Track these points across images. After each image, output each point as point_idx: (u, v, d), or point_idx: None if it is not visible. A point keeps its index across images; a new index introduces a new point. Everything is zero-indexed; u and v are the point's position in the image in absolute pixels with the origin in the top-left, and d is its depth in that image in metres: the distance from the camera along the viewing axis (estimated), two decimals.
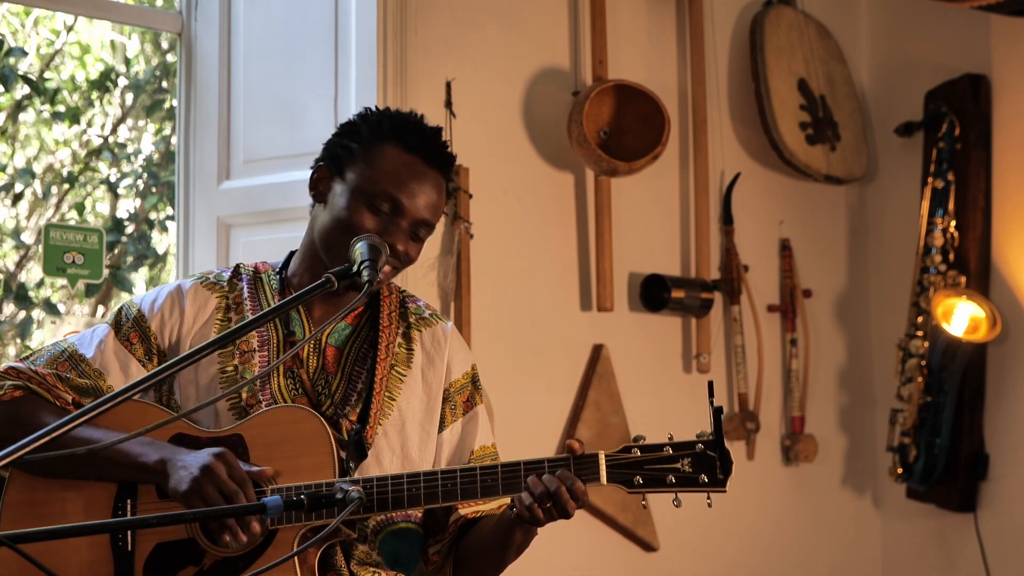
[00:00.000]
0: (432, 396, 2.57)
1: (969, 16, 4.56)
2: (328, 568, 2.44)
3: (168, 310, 2.54)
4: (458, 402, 2.59)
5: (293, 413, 2.42)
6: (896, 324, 4.63)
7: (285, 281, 2.58)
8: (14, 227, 5.45)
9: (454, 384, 2.59)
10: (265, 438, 2.40)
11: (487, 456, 2.59)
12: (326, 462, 2.37)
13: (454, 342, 2.61)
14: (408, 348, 2.57)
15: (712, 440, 2.35)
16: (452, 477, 2.36)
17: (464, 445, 2.58)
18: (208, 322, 2.54)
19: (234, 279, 2.59)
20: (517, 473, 2.35)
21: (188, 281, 2.59)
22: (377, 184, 2.47)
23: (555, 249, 4.21)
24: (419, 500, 2.36)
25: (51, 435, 1.90)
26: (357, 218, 2.46)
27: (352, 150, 2.51)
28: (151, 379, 2.06)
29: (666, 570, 4.31)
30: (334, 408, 2.49)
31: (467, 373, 2.62)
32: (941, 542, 4.63)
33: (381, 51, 3.86)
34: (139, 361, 2.51)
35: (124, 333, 2.53)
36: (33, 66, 5.43)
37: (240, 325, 2.18)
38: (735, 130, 4.63)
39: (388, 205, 2.46)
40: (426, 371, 2.57)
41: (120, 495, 2.42)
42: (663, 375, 4.38)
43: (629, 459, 2.35)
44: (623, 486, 2.34)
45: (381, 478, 2.36)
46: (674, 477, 2.34)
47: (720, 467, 2.34)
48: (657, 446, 2.36)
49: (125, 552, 2.40)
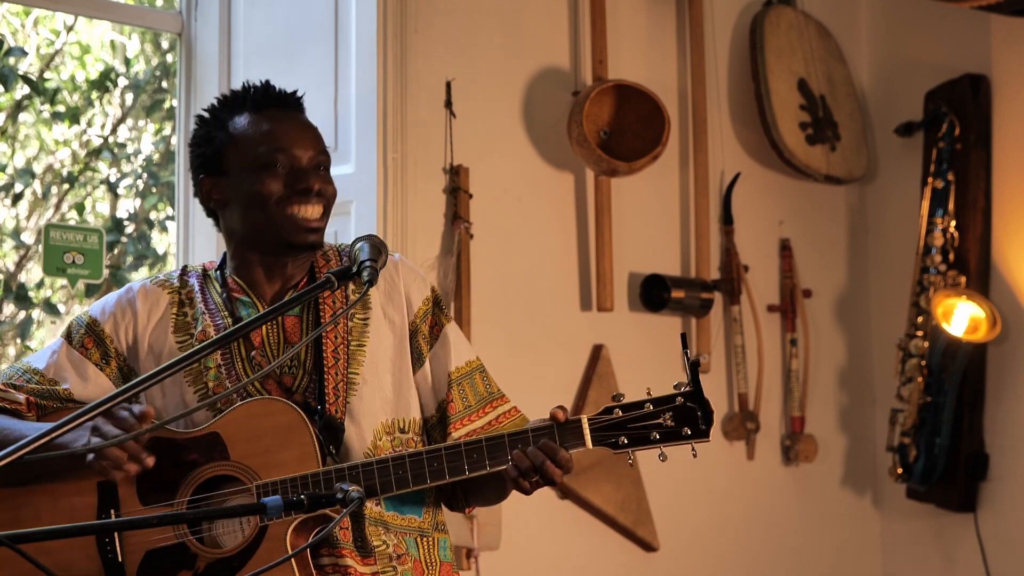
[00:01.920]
0: (397, 332, 2.53)
1: (969, 16, 4.55)
2: (322, 543, 2.40)
3: (120, 312, 2.54)
4: (425, 330, 2.55)
5: (268, 406, 2.40)
6: (896, 324, 4.63)
7: (224, 277, 2.57)
8: (14, 227, 5.44)
9: (418, 314, 2.55)
10: (244, 434, 2.38)
11: (473, 371, 2.57)
12: (308, 452, 2.35)
13: (405, 272, 2.57)
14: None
15: (692, 391, 2.35)
16: (437, 456, 2.35)
17: (442, 369, 2.55)
18: (164, 318, 2.54)
19: (184, 276, 2.60)
20: (502, 445, 2.35)
21: (137, 283, 2.60)
22: (258, 149, 2.49)
23: (555, 249, 4.21)
24: (407, 483, 2.35)
25: (50, 436, 1.90)
26: (264, 187, 2.48)
27: (215, 145, 2.54)
28: (150, 381, 2.08)
29: (666, 570, 4.31)
30: (308, 377, 2.47)
31: (427, 299, 2.57)
32: (941, 542, 4.63)
33: (381, 51, 3.86)
34: (95, 364, 2.52)
35: (78, 340, 2.54)
36: (33, 66, 5.42)
37: (239, 326, 2.19)
38: (735, 130, 4.63)
39: (281, 159, 2.49)
40: (386, 308, 2.54)
41: (102, 506, 2.41)
42: (663, 375, 4.33)
43: (612, 420, 2.36)
44: (609, 447, 2.35)
45: (366, 463, 2.35)
46: (658, 433, 2.35)
47: (702, 417, 2.35)
48: (638, 403, 2.37)
49: (116, 563, 2.38)
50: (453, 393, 2.54)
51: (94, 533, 2.37)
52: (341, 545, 2.41)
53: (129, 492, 2.40)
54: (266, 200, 2.48)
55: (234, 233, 2.56)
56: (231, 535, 2.39)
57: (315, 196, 2.49)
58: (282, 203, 2.48)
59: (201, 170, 2.57)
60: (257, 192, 2.48)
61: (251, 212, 2.50)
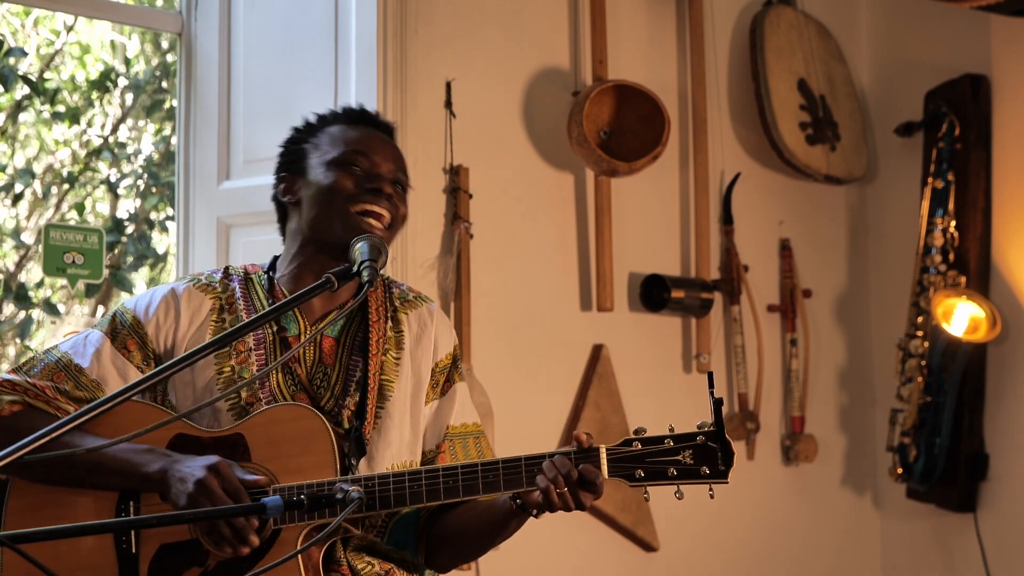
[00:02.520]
0: (419, 375, 2.57)
1: (969, 16, 4.56)
2: (331, 561, 2.44)
3: (163, 314, 2.53)
4: (439, 381, 2.60)
5: (293, 411, 2.42)
6: (896, 324, 4.63)
7: (273, 281, 2.58)
8: (14, 227, 5.45)
9: (439, 363, 2.60)
10: (266, 437, 2.40)
11: (470, 434, 2.60)
12: (327, 460, 2.37)
13: (439, 321, 2.63)
14: (397, 331, 2.58)
15: (713, 431, 2.35)
16: (453, 474, 2.36)
17: (440, 422, 2.58)
18: (203, 324, 2.54)
19: (225, 280, 2.60)
20: (518, 469, 2.35)
21: (181, 284, 2.58)
22: (342, 150, 2.54)
23: (555, 249, 4.21)
24: (421, 497, 2.36)
25: (50, 436, 1.90)
26: (337, 182, 2.51)
27: (304, 148, 2.58)
28: (149, 380, 2.06)
29: (666, 570, 4.31)
30: (334, 400, 2.50)
31: (449, 354, 2.62)
32: (941, 542, 4.63)
33: (381, 51, 3.86)
34: (137, 368, 2.50)
35: (121, 341, 2.52)
36: (33, 66, 5.43)
37: (237, 327, 2.19)
38: (735, 130, 4.63)
39: (361, 161, 2.52)
40: (414, 351, 2.58)
41: (123, 498, 2.41)
42: (663, 375, 4.38)
43: (630, 452, 2.35)
44: (625, 480, 2.35)
45: (383, 476, 2.36)
46: (675, 470, 2.34)
47: (722, 458, 2.34)
48: (658, 439, 2.36)
49: (129, 554, 2.40)
50: (446, 446, 2.57)
51: (94, 533, 2.37)
52: (343, 564, 2.45)
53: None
54: (336, 194, 2.50)
55: (298, 233, 2.56)
56: None
57: (384, 198, 2.51)
58: (350, 199, 2.50)
59: (282, 169, 2.61)
60: (329, 186, 2.51)
61: (319, 205, 2.52)
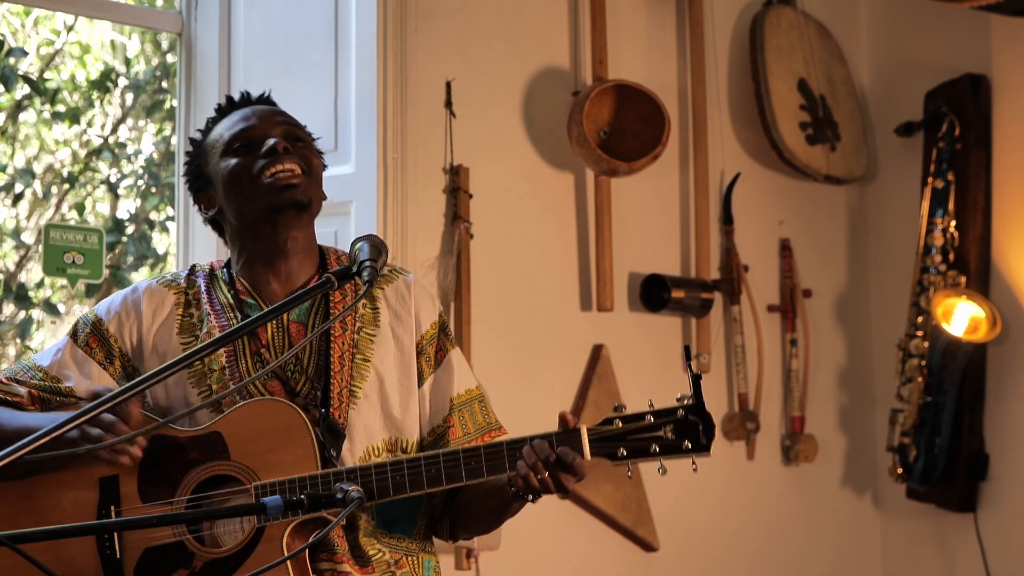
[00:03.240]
0: (405, 351, 2.54)
1: (969, 16, 4.55)
2: (320, 548, 2.41)
3: (125, 312, 2.55)
4: (430, 353, 2.56)
5: (271, 406, 2.40)
6: (896, 324, 4.63)
7: (232, 275, 2.58)
8: (14, 227, 5.45)
9: (425, 336, 2.56)
10: (244, 433, 2.38)
11: (474, 399, 2.57)
12: (307, 453, 2.36)
13: (418, 293, 2.58)
14: (373, 307, 2.55)
15: (694, 404, 2.34)
16: (435, 462, 2.34)
17: (443, 395, 2.55)
18: (168, 319, 2.54)
19: (191, 276, 2.61)
20: (500, 454, 2.34)
21: (144, 282, 2.60)
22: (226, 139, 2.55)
23: (555, 249, 4.21)
24: (404, 488, 2.35)
25: (51, 435, 1.90)
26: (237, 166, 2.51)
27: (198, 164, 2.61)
28: (149, 381, 2.07)
29: (666, 570, 4.31)
30: (310, 383, 2.48)
31: (435, 323, 2.58)
32: (941, 542, 4.63)
33: (381, 51, 3.86)
34: (99, 364, 2.52)
35: (82, 340, 2.55)
36: (33, 66, 5.42)
37: (241, 326, 2.19)
38: (735, 130, 4.63)
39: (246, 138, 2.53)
40: (395, 327, 2.54)
41: (103, 502, 2.41)
42: (663, 375, 4.38)
43: (611, 431, 2.34)
44: (607, 458, 2.33)
45: (364, 468, 2.35)
46: (657, 446, 2.33)
47: (703, 431, 2.33)
48: (638, 415, 2.35)
49: (114, 559, 2.39)
50: (454, 419, 2.54)
51: (93, 533, 2.37)
52: (339, 552, 2.42)
53: (130, 489, 2.41)
54: (240, 177, 2.50)
55: (231, 231, 2.57)
56: (231, 535, 2.39)
57: (285, 155, 2.50)
58: (256, 174, 2.50)
59: (193, 192, 2.63)
60: (231, 174, 2.51)
61: (233, 195, 2.52)
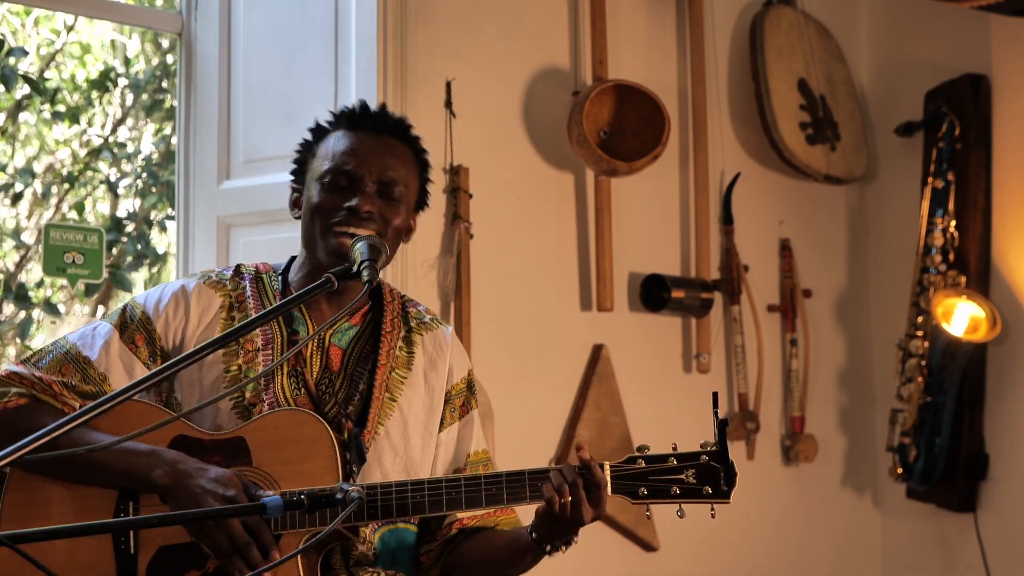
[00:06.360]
0: (434, 398, 2.58)
1: (969, 16, 4.56)
2: (328, 570, 2.44)
3: (173, 311, 2.53)
4: (456, 404, 2.62)
5: (296, 416, 2.42)
6: (896, 324, 4.63)
7: (286, 283, 2.59)
8: (14, 227, 5.45)
9: (455, 387, 2.62)
10: (268, 441, 2.40)
11: (481, 462, 2.62)
12: (329, 466, 2.37)
13: (455, 346, 2.65)
14: (409, 351, 2.59)
15: (716, 451, 2.37)
16: (456, 485, 2.36)
17: (461, 448, 2.61)
18: (212, 321, 2.53)
19: (236, 278, 2.60)
20: (522, 482, 2.37)
21: (192, 280, 2.58)
22: (327, 166, 2.53)
23: (555, 249, 4.21)
24: (423, 508, 2.37)
25: (51, 435, 1.89)
26: (320, 201, 2.51)
27: (306, 157, 2.60)
28: (154, 378, 2.05)
29: (666, 570, 4.31)
30: (337, 408, 2.50)
31: (464, 378, 2.64)
32: (941, 542, 4.63)
33: (381, 51, 3.86)
34: (143, 364, 2.50)
35: (129, 335, 2.51)
36: (33, 66, 5.43)
37: (242, 324, 2.17)
38: (735, 130, 4.63)
39: (342, 178, 2.51)
40: (428, 373, 2.59)
41: (122, 497, 2.41)
42: (663, 375, 4.38)
43: (634, 470, 2.39)
44: (628, 496, 2.39)
45: (385, 485, 2.36)
46: (678, 488, 2.38)
47: (724, 478, 2.37)
48: (661, 457, 2.39)
49: (128, 555, 2.39)
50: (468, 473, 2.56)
51: (93, 533, 2.36)
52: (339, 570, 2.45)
53: None
54: (316, 215, 2.51)
55: (302, 239, 2.58)
56: None
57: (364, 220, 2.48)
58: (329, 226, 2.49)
59: (293, 176, 2.63)
60: (312, 206, 2.52)
61: (307, 223, 2.54)
